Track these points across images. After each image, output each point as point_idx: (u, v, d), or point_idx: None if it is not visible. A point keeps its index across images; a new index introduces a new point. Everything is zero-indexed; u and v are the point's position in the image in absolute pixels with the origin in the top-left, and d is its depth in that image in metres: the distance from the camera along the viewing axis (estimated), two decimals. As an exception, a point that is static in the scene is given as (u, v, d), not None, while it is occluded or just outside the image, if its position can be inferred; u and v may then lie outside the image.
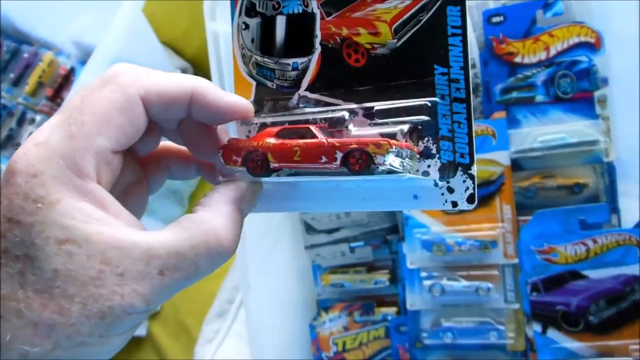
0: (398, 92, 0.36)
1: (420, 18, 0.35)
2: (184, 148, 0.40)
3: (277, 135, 0.36)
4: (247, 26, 0.40)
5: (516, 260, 0.74)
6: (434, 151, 0.35)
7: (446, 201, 0.36)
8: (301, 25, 0.38)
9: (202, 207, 0.35)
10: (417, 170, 0.35)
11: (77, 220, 0.30)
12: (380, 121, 0.36)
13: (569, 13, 0.72)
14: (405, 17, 0.36)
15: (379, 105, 0.36)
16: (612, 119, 0.71)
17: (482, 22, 0.75)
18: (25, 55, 1.00)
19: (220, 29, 0.75)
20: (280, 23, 0.39)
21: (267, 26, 0.39)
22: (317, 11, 0.38)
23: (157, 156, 0.40)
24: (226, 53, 0.75)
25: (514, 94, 0.74)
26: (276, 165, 0.35)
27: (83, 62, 0.96)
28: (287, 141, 0.35)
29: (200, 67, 1.08)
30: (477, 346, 0.77)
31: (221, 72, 0.75)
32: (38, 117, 0.97)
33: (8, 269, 0.29)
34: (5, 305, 0.29)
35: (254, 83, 0.40)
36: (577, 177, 0.73)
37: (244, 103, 0.37)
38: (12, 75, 0.99)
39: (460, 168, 0.35)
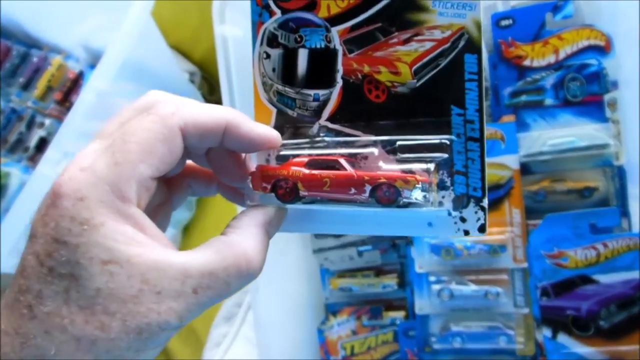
0: (416, 129, 0.38)
1: (439, 62, 0.38)
2: (206, 168, 0.42)
3: (307, 165, 0.38)
4: (268, 55, 0.41)
5: (526, 265, 0.74)
6: (448, 184, 0.38)
7: (459, 229, 0.38)
8: (323, 60, 0.40)
9: (233, 229, 0.37)
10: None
11: (120, 242, 0.31)
12: (402, 156, 0.38)
13: (578, 15, 0.72)
14: (425, 60, 0.38)
15: (400, 141, 0.38)
16: (622, 122, 0.71)
17: (491, 26, 0.75)
18: (35, 59, 1.00)
19: (229, 32, 0.75)
20: (303, 56, 0.41)
21: (289, 58, 0.41)
22: (339, 48, 0.40)
23: (181, 176, 0.42)
24: (235, 57, 0.75)
25: (523, 98, 0.74)
26: (305, 193, 0.38)
27: (92, 66, 0.96)
28: (317, 171, 0.38)
29: (208, 71, 1.08)
30: (486, 351, 0.76)
31: (229, 76, 0.75)
32: (47, 121, 0.97)
33: (54, 287, 0.31)
34: (51, 320, 0.31)
35: (274, 110, 0.42)
36: (587, 180, 0.72)
37: (274, 135, 0.39)
38: (21, 80, 1.00)
39: (472, 200, 0.37)
